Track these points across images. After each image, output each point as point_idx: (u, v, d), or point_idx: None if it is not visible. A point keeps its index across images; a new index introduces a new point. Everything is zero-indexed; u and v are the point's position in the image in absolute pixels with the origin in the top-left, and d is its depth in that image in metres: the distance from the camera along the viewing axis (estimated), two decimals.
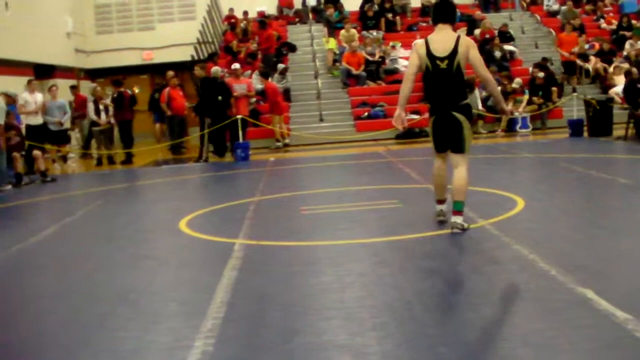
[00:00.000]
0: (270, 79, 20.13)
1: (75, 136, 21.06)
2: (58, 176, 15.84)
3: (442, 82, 7.01)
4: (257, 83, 20.57)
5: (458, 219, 6.97)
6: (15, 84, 18.23)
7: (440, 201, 7.52)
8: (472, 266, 5.97)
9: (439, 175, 7.42)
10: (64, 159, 19.42)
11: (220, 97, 17.41)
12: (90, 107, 18.67)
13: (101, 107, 18.40)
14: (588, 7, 26.17)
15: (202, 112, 17.83)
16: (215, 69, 18.62)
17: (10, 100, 17.35)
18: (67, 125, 18.82)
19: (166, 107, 19.64)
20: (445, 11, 7.24)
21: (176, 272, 6.49)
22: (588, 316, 4.38)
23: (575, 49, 22.03)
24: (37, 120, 17.54)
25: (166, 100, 19.62)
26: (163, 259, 7.07)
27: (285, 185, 11.91)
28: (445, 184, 7.43)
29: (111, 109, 18.49)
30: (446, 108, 7.04)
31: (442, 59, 6.97)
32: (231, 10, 25.55)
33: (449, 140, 7.14)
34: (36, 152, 15.19)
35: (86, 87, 23.65)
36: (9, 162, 14.23)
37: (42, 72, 22.57)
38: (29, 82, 18.01)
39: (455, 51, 6.93)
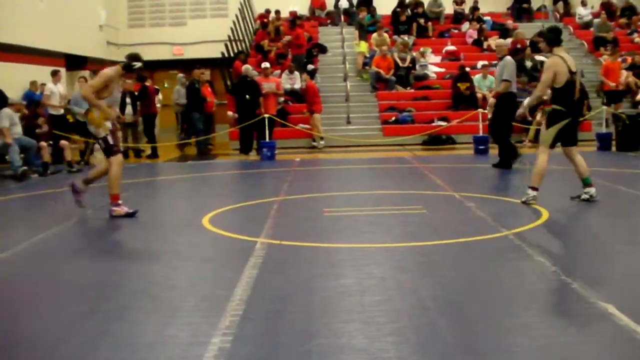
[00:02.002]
0: (303, 79, 20.08)
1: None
2: (84, 167, 15.93)
3: (578, 91, 9.05)
4: (286, 83, 20.62)
5: (591, 190, 9.15)
6: (46, 74, 18.39)
7: (536, 188, 9.07)
8: (493, 275, 5.93)
9: (547, 168, 9.20)
10: (91, 150, 19.52)
11: (248, 96, 17.46)
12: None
13: (128, 100, 18.47)
14: (622, 21, 25.90)
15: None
16: (246, 67, 18.68)
17: (37, 88, 17.55)
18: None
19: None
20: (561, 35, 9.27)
21: (197, 268, 6.51)
22: (608, 331, 4.35)
23: (622, 79, 21.04)
24: (59, 110, 17.72)
25: None
26: (185, 254, 7.10)
27: (309, 186, 11.91)
28: None
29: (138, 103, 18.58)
30: (580, 112, 9.50)
31: (575, 73, 8.95)
32: (267, 11, 25.53)
33: (572, 137, 9.30)
34: (63, 142, 15.30)
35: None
36: (36, 151, 14.36)
37: (74, 63, 22.74)
38: (55, 72, 18.13)
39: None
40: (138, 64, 8.98)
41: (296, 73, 21.17)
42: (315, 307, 5.04)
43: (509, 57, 13.68)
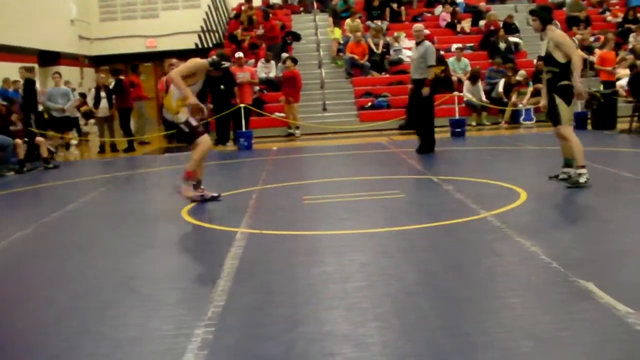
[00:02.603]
0: (287, 66, 19.87)
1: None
2: (61, 163, 15.84)
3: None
4: (261, 72, 20.56)
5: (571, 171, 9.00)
6: (19, 71, 18.23)
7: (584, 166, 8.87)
8: (473, 258, 5.96)
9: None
10: (67, 146, 19.42)
11: (222, 87, 17.39)
12: (92, 94, 18.71)
13: (102, 94, 18.37)
14: (594, 0, 26.02)
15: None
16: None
17: (13, 86, 17.42)
18: (74, 112, 18.82)
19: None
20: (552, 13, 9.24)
21: (178, 260, 6.50)
22: (589, 309, 4.38)
23: (619, 70, 20.12)
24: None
25: (165, 89, 19.48)
26: (165, 247, 7.08)
27: (288, 175, 11.90)
28: None
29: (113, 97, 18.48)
30: None
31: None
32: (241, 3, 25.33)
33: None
34: (39, 139, 15.20)
35: (89, 75, 23.71)
36: (12, 148, 14.27)
37: (47, 59, 22.57)
38: (30, 69, 18.02)
39: None
40: (227, 64, 8.88)
41: (272, 62, 21.10)
42: (298, 296, 5.04)
43: (428, 42, 13.47)
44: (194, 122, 8.70)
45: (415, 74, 13.40)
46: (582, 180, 8.67)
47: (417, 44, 13.38)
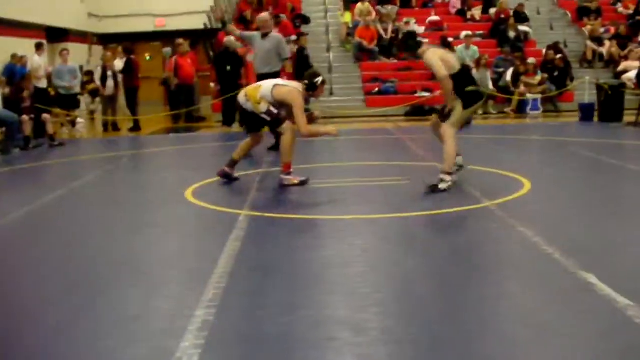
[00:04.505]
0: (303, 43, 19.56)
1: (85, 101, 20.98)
2: (66, 141, 15.86)
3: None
4: None
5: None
6: (26, 47, 18.22)
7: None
8: (475, 246, 5.97)
9: None
10: (73, 123, 19.42)
11: (228, 67, 17.36)
12: (98, 73, 18.71)
13: (109, 73, 18.38)
14: None
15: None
16: (228, 39, 18.58)
17: (21, 61, 17.41)
18: (77, 90, 18.82)
19: (172, 76, 19.49)
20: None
21: (180, 241, 6.51)
22: (589, 301, 4.38)
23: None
24: (43, 83, 17.67)
25: (173, 69, 19.48)
26: (167, 227, 7.10)
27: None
28: None
29: (120, 76, 18.47)
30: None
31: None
32: None
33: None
34: (45, 116, 15.20)
35: (97, 53, 23.68)
36: (18, 125, 14.28)
37: (55, 36, 22.53)
38: (40, 45, 18.02)
39: None
40: (319, 79, 8.83)
41: None
42: (298, 279, 5.06)
43: (277, 34, 12.94)
44: (275, 110, 8.74)
45: (264, 68, 12.11)
46: (442, 186, 8.03)
47: (264, 35, 12.33)
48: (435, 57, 8.14)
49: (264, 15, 13.18)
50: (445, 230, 6.56)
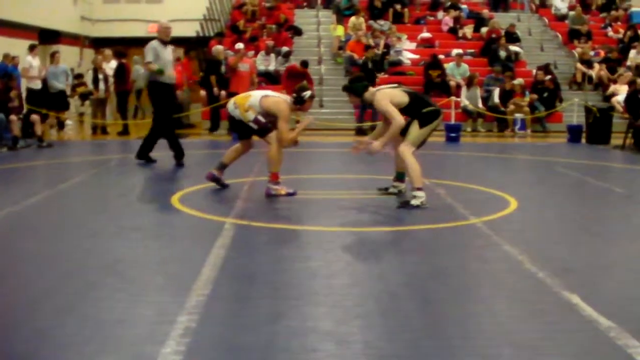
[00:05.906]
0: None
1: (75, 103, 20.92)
2: (54, 142, 15.80)
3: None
4: (261, 64, 20.54)
5: (401, 186, 8.93)
6: (18, 48, 18.19)
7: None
8: (460, 263, 5.98)
9: None
10: (61, 125, 19.38)
11: (213, 76, 17.53)
12: (89, 75, 18.69)
13: (100, 76, 18.36)
14: (602, 15, 26.00)
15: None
16: (215, 48, 18.64)
17: (13, 62, 17.38)
18: (67, 91, 18.81)
19: None
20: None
21: (165, 247, 6.49)
22: (572, 321, 4.40)
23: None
24: (37, 84, 17.66)
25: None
26: (153, 232, 7.09)
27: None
28: None
29: (111, 79, 18.44)
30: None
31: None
32: None
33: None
34: (34, 117, 15.16)
35: (88, 57, 23.64)
36: (6, 124, 14.23)
37: (47, 37, 22.49)
38: (33, 46, 18.01)
39: None
40: (308, 93, 8.87)
41: (272, 55, 21.08)
42: (282, 289, 5.05)
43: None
44: (263, 119, 8.78)
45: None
46: (414, 202, 8.04)
47: (165, 43, 12.65)
48: (385, 102, 8.24)
49: (167, 23, 13.28)
50: (431, 245, 6.56)
